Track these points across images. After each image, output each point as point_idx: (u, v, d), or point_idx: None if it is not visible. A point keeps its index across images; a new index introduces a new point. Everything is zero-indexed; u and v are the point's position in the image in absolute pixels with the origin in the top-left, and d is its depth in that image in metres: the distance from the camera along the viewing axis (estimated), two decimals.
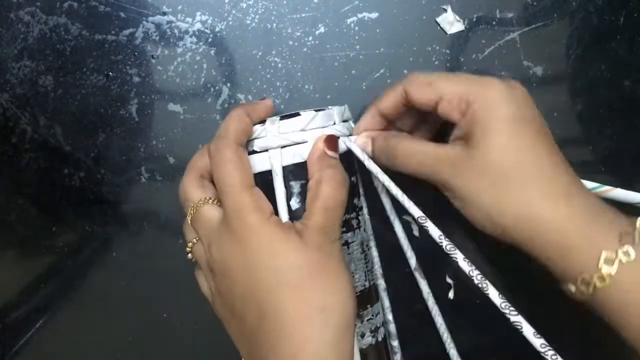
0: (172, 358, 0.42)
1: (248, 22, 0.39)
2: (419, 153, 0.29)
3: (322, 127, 0.31)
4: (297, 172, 0.30)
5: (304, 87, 0.40)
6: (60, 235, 0.41)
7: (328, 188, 0.28)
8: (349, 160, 0.32)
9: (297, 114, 0.30)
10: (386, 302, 0.36)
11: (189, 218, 0.31)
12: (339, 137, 0.31)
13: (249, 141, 0.30)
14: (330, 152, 0.29)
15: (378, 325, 0.32)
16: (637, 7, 0.39)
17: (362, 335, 0.31)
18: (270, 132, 0.30)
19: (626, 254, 0.24)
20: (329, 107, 0.32)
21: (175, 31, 0.39)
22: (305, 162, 0.30)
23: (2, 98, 0.40)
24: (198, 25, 0.39)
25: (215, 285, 0.29)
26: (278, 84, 0.39)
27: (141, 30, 0.39)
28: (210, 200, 0.30)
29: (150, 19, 0.39)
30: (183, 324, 0.41)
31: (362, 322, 0.31)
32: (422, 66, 0.39)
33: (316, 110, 0.31)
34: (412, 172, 0.30)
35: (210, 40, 0.39)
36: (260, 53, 0.39)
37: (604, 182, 0.38)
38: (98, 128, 0.40)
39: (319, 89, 0.40)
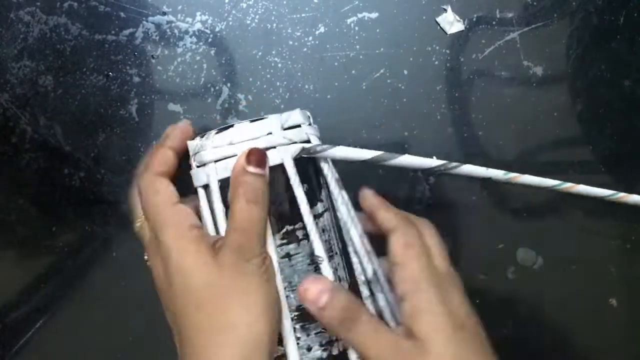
0: (172, 358, 0.42)
1: (248, 22, 0.39)
2: (379, 341, 0.27)
3: (254, 139, 0.29)
4: None
5: (304, 87, 0.40)
6: (60, 235, 0.41)
7: (238, 206, 0.28)
8: (302, 166, 0.30)
9: (231, 126, 0.30)
10: None
11: (137, 224, 0.32)
12: (268, 149, 0.29)
13: (195, 154, 0.31)
14: (250, 167, 0.28)
15: (333, 338, 0.31)
16: (637, 7, 0.39)
17: (309, 349, 0.30)
18: (206, 147, 0.30)
19: None
20: (266, 115, 0.30)
21: (175, 31, 0.39)
22: None
23: (2, 98, 0.40)
24: (198, 25, 0.39)
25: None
26: (278, 84, 0.39)
27: (141, 30, 0.39)
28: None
29: (150, 19, 0.39)
30: None
31: (307, 336, 0.30)
32: (422, 66, 0.39)
33: (252, 121, 0.30)
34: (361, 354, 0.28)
35: (210, 40, 0.39)
36: (260, 53, 0.39)
37: (604, 182, 0.38)
38: (98, 128, 0.40)
39: (319, 89, 0.40)
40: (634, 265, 0.41)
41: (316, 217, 0.31)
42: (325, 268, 0.30)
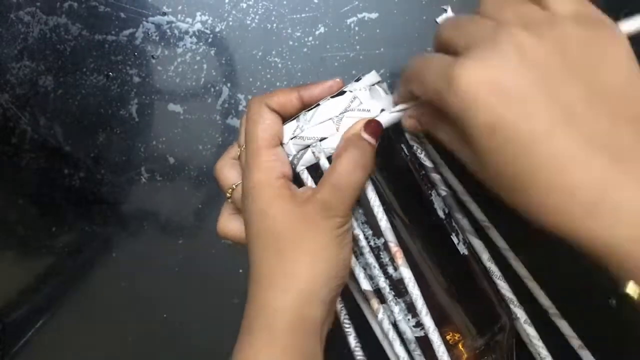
0: (172, 358, 0.42)
1: (248, 22, 0.39)
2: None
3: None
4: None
5: None
6: (60, 235, 0.41)
7: (342, 165, 0.27)
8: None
9: (317, 105, 0.29)
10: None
11: (227, 196, 0.31)
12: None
13: (293, 137, 0.29)
14: (364, 134, 0.28)
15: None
16: (637, 7, 0.39)
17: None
18: (305, 127, 0.29)
19: None
20: (344, 88, 0.29)
21: (175, 31, 0.39)
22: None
23: (2, 98, 0.40)
24: (198, 26, 0.39)
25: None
26: (278, 84, 0.39)
27: (141, 30, 0.39)
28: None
29: (150, 19, 0.39)
30: (183, 324, 0.41)
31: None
32: None
33: (333, 97, 0.29)
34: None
35: (210, 40, 0.39)
36: (260, 53, 0.39)
37: None
38: (98, 128, 0.40)
39: None
40: None
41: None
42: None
